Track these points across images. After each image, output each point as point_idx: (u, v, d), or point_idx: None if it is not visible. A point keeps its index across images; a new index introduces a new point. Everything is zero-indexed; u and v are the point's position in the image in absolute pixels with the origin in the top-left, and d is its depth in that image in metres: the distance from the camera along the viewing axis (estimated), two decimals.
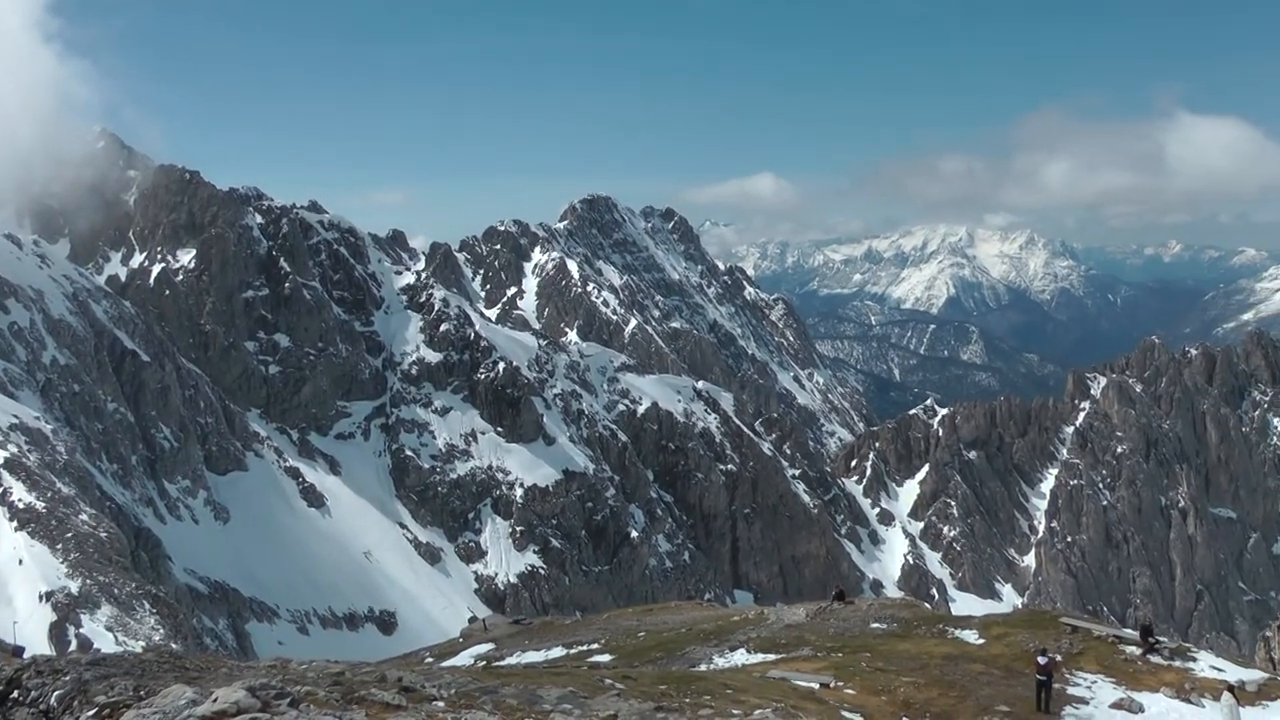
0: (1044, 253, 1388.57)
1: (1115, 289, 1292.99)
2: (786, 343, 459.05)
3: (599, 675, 38.92)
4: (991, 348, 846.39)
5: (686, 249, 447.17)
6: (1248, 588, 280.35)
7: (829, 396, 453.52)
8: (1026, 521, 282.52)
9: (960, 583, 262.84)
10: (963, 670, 45.81)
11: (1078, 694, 42.54)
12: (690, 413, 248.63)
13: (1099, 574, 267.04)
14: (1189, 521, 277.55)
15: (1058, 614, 62.31)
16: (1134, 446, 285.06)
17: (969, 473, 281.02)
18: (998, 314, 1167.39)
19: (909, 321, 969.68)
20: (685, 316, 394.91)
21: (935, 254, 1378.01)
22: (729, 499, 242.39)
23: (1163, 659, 48.93)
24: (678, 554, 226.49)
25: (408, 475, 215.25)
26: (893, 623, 61.04)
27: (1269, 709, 43.26)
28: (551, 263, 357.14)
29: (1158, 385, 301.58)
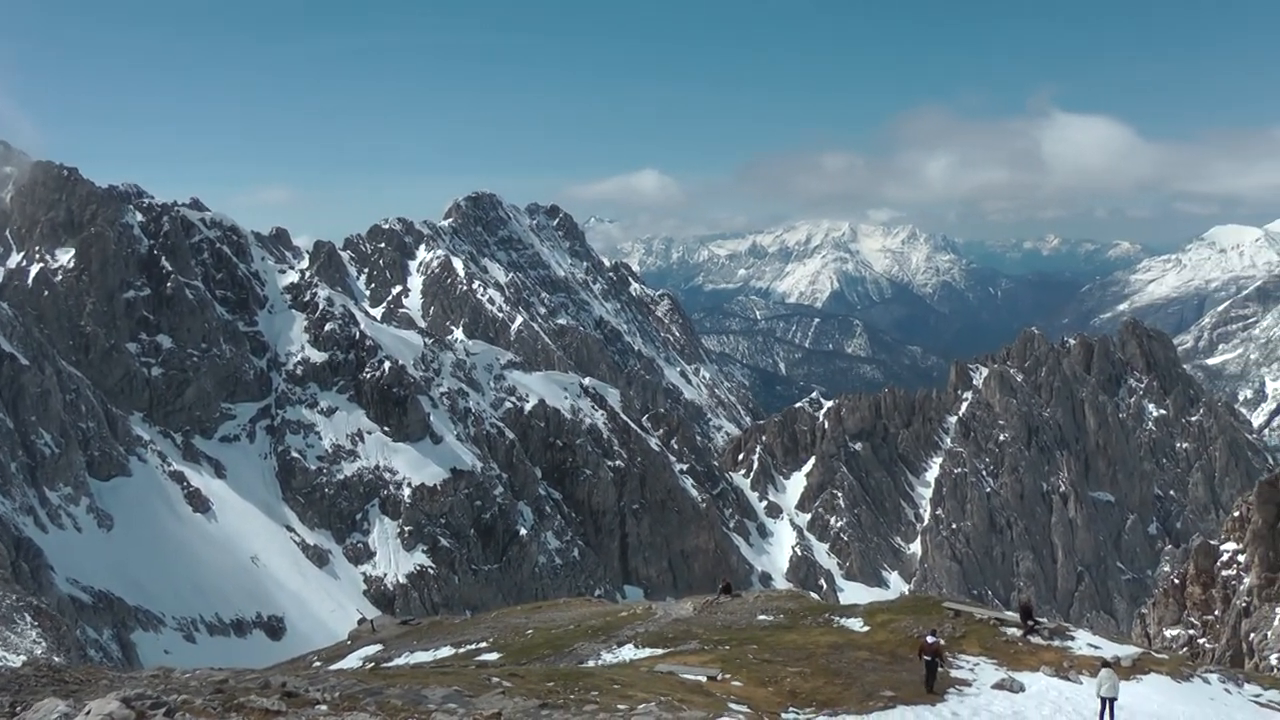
0: (926, 247, 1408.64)
1: (995, 282, 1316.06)
2: (672, 338, 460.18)
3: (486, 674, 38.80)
4: (875, 340, 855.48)
5: (572, 246, 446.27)
6: (1126, 567, 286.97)
7: (715, 391, 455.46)
8: (912, 510, 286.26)
9: (848, 572, 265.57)
10: (848, 658, 46.28)
11: (961, 676, 43.15)
12: (577, 409, 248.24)
13: (983, 559, 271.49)
14: (1069, 505, 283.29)
15: (941, 599, 63.21)
16: (1016, 434, 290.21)
17: (855, 464, 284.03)
18: (881, 307, 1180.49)
19: (794, 316, 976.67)
20: (571, 313, 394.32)
21: (819, 249, 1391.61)
22: (617, 495, 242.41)
23: (1042, 639, 49.94)
24: (567, 551, 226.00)
25: (294, 477, 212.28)
26: (779, 614, 61.50)
27: (1144, 681, 44.33)
28: (436, 261, 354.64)
29: (1038, 375, 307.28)
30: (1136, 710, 40.13)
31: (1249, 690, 46.21)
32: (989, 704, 39.47)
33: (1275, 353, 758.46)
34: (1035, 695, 41.15)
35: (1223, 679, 47.07)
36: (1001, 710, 38.81)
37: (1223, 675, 47.94)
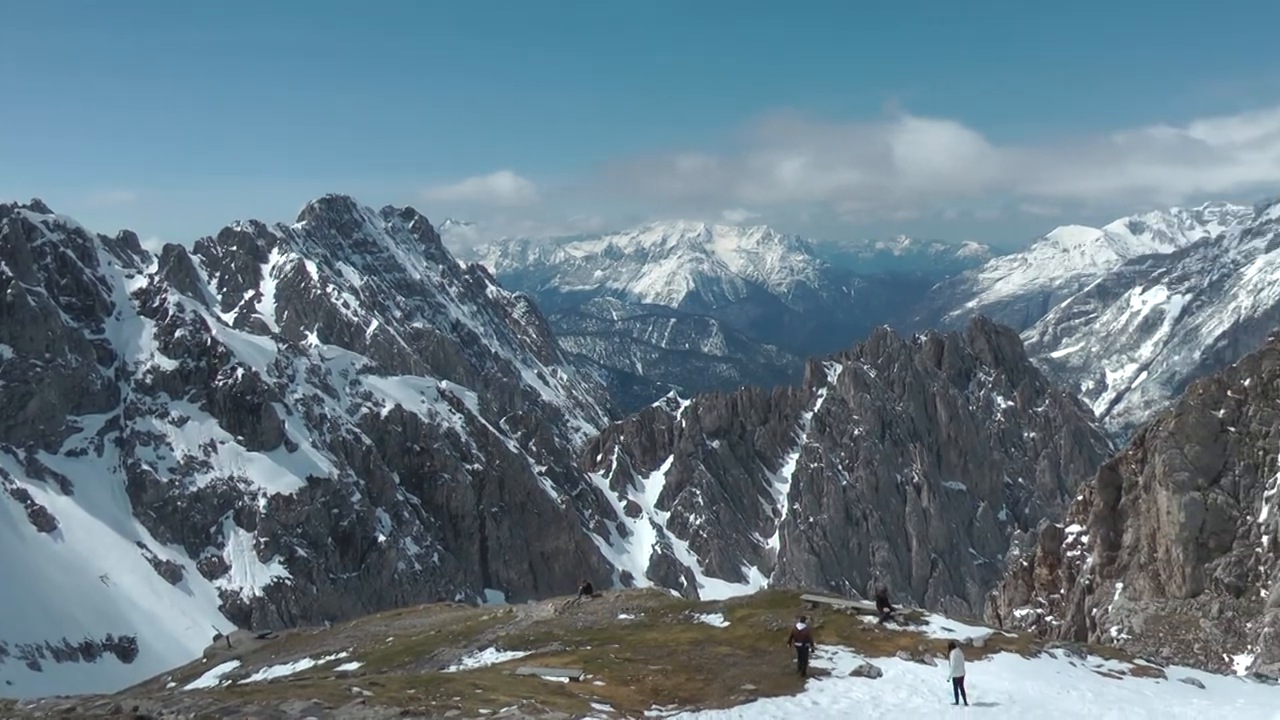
0: (780, 247, 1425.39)
1: (849, 281, 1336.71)
2: (529, 340, 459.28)
3: (346, 684, 38.67)
4: (731, 340, 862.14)
5: (427, 248, 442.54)
6: (977, 553, 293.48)
7: (573, 392, 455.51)
8: (770, 505, 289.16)
9: (708, 569, 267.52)
10: (709, 654, 46.90)
11: (820, 665, 43.94)
12: (435, 413, 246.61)
13: (840, 550, 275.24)
14: (923, 495, 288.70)
15: (799, 592, 64.32)
16: (870, 428, 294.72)
17: (713, 461, 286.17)
18: (737, 307, 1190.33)
19: (650, 316, 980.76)
20: (427, 316, 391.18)
21: (675, 249, 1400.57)
22: (476, 498, 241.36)
23: (898, 625, 51.18)
24: (426, 556, 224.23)
25: (145, 491, 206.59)
26: (640, 613, 62.03)
27: (995, 660, 45.78)
28: (290, 264, 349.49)
29: (890, 370, 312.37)
30: (989, 688, 41.38)
31: (1092, 662, 48.05)
32: (848, 691, 40.36)
33: (1115, 346, 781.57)
34: (892, 679, 42.21)
35: (1068, 653, 48.79)
36: (860, 696, 39.69)
37: (1068, 650, 49.67)
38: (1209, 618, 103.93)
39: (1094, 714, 38.97)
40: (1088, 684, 43.78)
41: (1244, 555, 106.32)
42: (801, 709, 37.82)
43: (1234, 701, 43.09)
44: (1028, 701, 40.02)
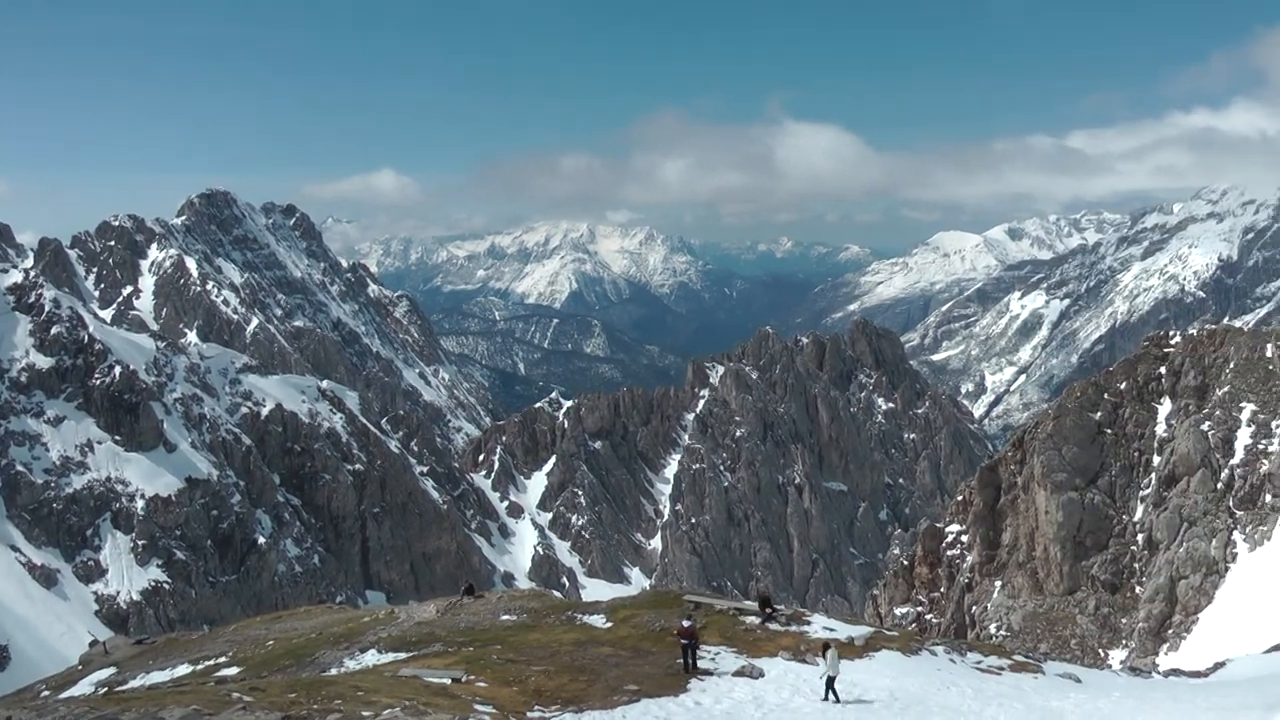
0: (663, 248, 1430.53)
1: (731, 283, 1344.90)
2: (411, 340, 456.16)
3: (226, 689, 37.93)
4: (614, 340, 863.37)
5: (309, 246, 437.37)
6: (858, 552, 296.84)
7: (455, 392, 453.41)
8: (652, 506, 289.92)
9: (590, 569, 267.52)
10: (592, 654, 46.74)
11: (703, 666, 43.94)
12: (315, 413, 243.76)
13: (722, 551, 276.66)
14: (804, 496, 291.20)
15: (681, 592, 64.43)
16: (752, 430, 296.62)
17: (595, 462, 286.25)
18: (619, 307, 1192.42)
19: (533, 316, 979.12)
20: (308, 315, 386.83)
21: (558, 250, 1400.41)
22: (358, 499, 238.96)
23: (780, 625, 51.39)
24: (307, 558, 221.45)
25: (19, 493, 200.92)
26: (523, 613, 61.76)
27: (876, 659, 46.13)
28: (169, 260, 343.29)
29: (772, 372, 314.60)
30: (870, 686, 41.69)
31: (971, 658, 48.71)
32: (730, 691, 40.39)
33: (994, 349, 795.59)
34: (774, 679, 42.33)
35: (948, 650, 49.35)
36: (742, 696, 39.72)
37: (948, 647, 50.23)
38: (1085, 614, 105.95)
39: (973, 710, 39.36)
40: (967, 680, 44.31)
41: (1119, 553, 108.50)
42: (684, 709, 37.75)
43: (1110, 695, 43.90)
44: (909, 698, 40.33)
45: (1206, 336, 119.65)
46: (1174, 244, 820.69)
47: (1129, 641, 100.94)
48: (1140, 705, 41.94)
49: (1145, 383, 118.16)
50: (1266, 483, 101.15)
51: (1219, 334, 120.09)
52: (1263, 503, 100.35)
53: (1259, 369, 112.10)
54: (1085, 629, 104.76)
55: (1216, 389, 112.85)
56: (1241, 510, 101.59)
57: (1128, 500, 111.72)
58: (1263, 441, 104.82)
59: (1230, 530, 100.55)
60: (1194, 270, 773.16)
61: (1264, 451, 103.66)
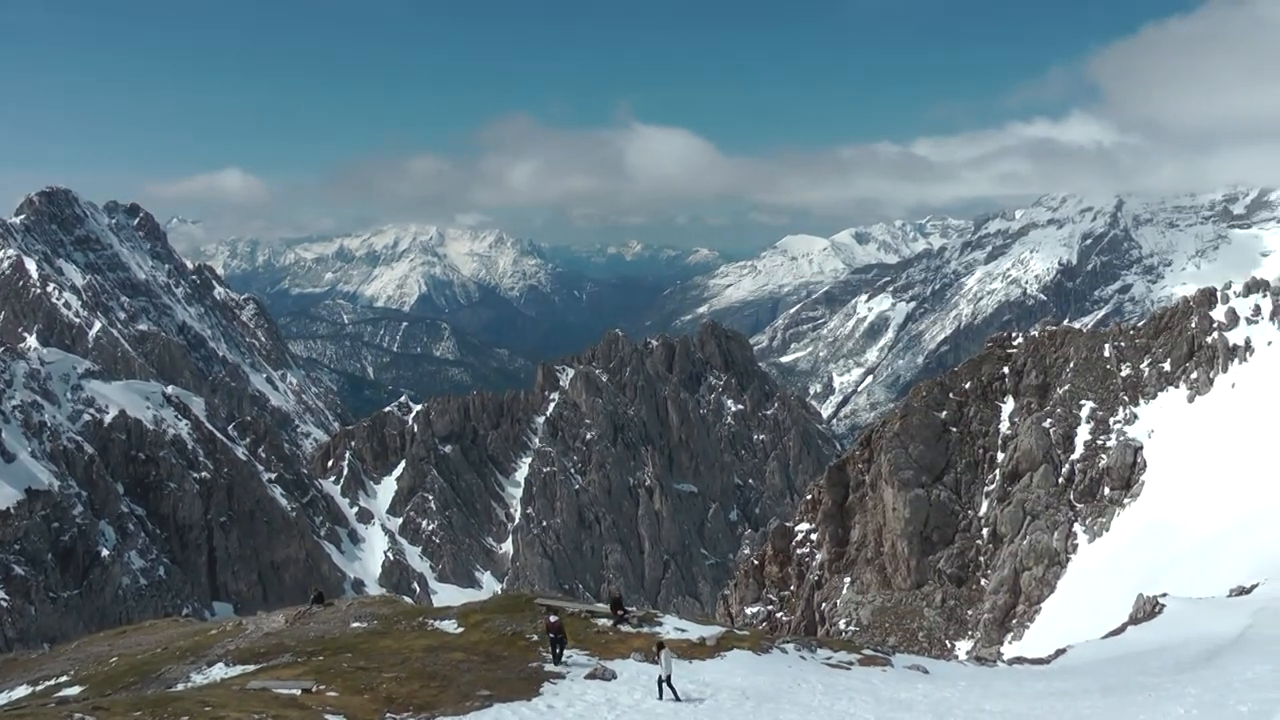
0: (513, 251, 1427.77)
1: (581, 285, 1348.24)
2: (258, 343, 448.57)
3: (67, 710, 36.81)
4: (464, 344, 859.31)
5: (153, 247, 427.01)
6: (709, 553, 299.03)
7: (303, 397, 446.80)
8: (503, 510, 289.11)
9: (441, 574, 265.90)
10: (444, 660, 46.31)
11: (554, 670, 43.86)
12: (161, 420, 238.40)
13: (574, 554, 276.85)
14: (655, 498, 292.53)
15: (533, 596, 64.06)
16: (602, 432, 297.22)
17: (445, 466, 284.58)
18: (469, 311, 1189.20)
19: (382, 320, 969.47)
20: (153, 318, 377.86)
21: (407, 252, 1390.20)
22: (204, 508, 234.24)
23: (632, 627, 51.46)
24: (152, 570, 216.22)
25: None
26: (373, 620, 61.02)
27: (727, 658, 46.39)
28: (7, 261, 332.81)
29: (622, 374, 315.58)
30: (722, 685, 41.87)
31: (821, 654, 49.27)
32: (583, 694, 40.30)
33: (842, 351, 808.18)
34: (627, 681, 42.33)
35: (798, 647, 49.83)
36: (595, 699, 39.66)
37: (798, 644, 50.70)
38: (933, 607, 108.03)
39: (824, 705, 39.72)
40: (818, 676, 44.76)
41: (965, 547, 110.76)
42: (537, 714, 37.60)
43: (956, 685, 44.70)
44: (760, 696, 40.56)
45: (1047, 337, 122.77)
46: (1016, 249, 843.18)
47: (975, 632, 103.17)
48: (985, 693, 42.77)
49: (989, 382, 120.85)
50: (1105, 477, 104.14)
51: (1059, 335, 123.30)
52: (1102, 496, 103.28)
53: (1097, 368, 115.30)
54: (933, 621, 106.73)
55: (1057, 387, 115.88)
56: (1081, 503, 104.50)
57: (973, 496, 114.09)
58: (1101, 437, 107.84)
59: (1071, 523, 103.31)
60: (1035, 274, 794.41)
61: (1102, 447, 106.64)
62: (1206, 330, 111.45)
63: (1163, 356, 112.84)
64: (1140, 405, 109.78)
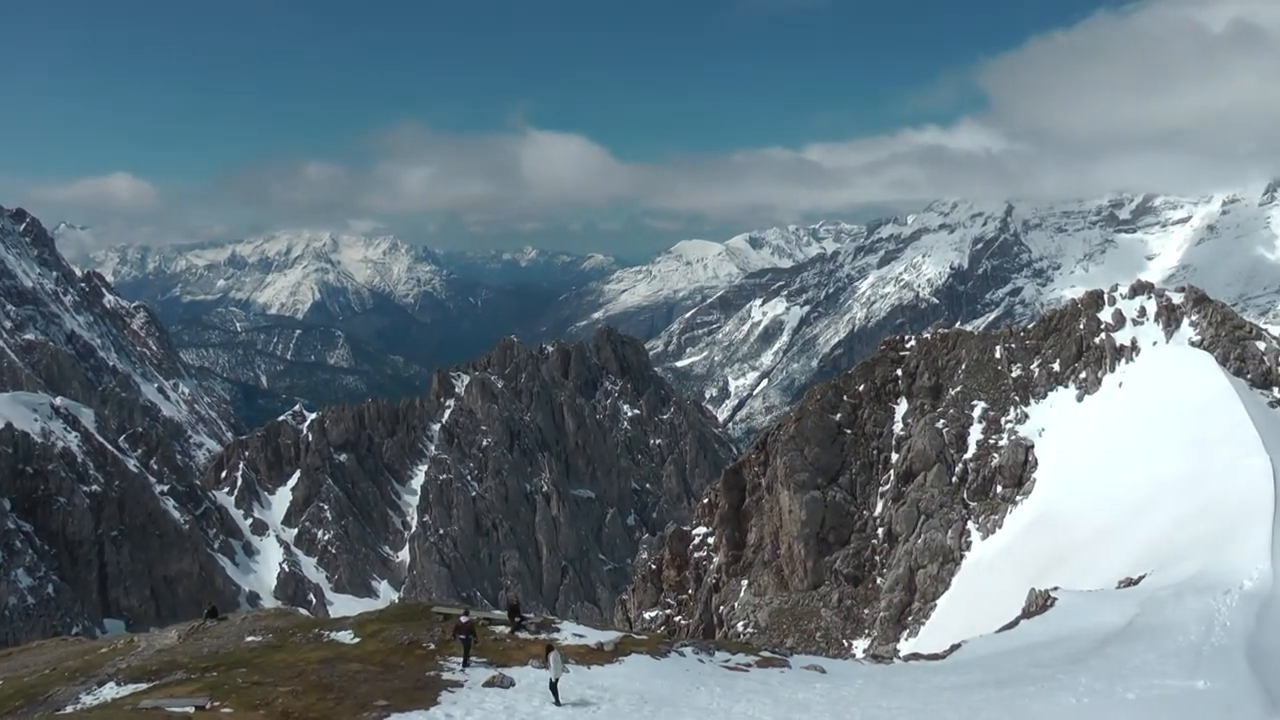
0: (407, 258, 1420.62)
1: (476, 292, 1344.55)
2: (150, 352, 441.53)
3: None
4: (358, 351, 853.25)
5: (40, 253, 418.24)
6: (607, 558, 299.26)
7: (196, 407, 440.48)
8: (400, 518, 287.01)
9: (337, 585, 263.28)
10: (340, 671, 45.86)
11: (452, 678, 43.53)
12: (49, 432, 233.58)
13: (471, 561, 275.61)
14: (552, 504, 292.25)
15: (430, 604, 63.77)
16: (498, 439, 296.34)
17: (340, 475, 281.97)
18: (363, 318, 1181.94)
19: (275, 327, 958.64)
20: (40, 327, 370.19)
21: (300, 259, 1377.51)
22: (95, 522, 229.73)
23: (530, 633, 51.33)
24: (40, 588, 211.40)
25: None
26: (268, 633, 60.27)
27: (625, 663, 46.41)
28: None
29: (518, 380, 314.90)
30: (620, 690, 41.84)
31: (719, 657, 49.49)
32: (480, 702, 40.09)
33: (737, 355, 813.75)
34: (525, 688, 42.18)
35: (696, 651, 50.01)
36: (493, 707, 39.47)
37: (696, 647, 50.90)
38: (829, 607, 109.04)
39: (723, 707, 39.89)
40: (716, 679, 44.93)
41: (861, 547, 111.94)
42: None
43: (853, 683, 45.14)
44: (659, 700, 40.63)
45: (939, 340, 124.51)
46: (909, 253, 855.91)
47: (871, 631, 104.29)
48: (882, 691, 43.24)
49: (882, 384, 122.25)
50: (997, 475, 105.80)
51: (951, 337, 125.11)
52: (994, 494, 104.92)
53: (988, 369, 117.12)
54: (830, 621, 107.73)
55: (949, 389, 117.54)
56: (975, 501, 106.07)
57: (868, 496, 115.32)
58: (993, 437, 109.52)
59: (964, 521, 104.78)
60: (928, 278, 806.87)
61: (994, 446, 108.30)
62: (1094, 331, 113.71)
63: (1052, 357, 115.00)
64: (1031, 405, 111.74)
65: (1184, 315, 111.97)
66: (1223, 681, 37.43)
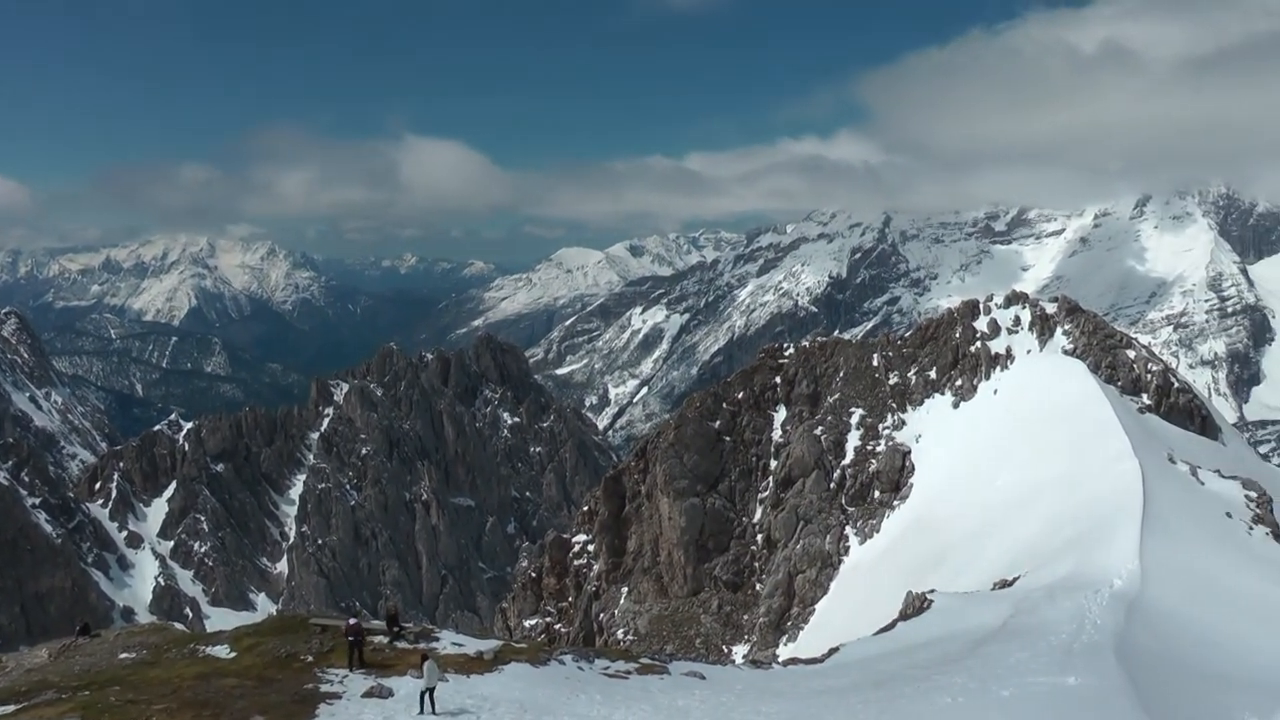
0: (285, 264, 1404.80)
1: (355, 299, 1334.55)
2: (20, 360, 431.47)
3: None
4: (235, 359, 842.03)
5: None
6: (487, 566, 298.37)
7: (69, 417, 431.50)
8: (278, 529, 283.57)
9: (214, 598, 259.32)
10: (216, 687, 45.18)
11: (330, 690, 43.07)
12: None
13: (350, 572, 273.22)
14: (432, 513, 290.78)
15: (308, 616, 63.04)
16: (378, 447, 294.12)
17: (218, 486, 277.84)
18: (240, 325, 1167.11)
19: (150, 334, 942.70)
20: None
21: (177, 264, 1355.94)
22: None
23: (409, 643, 50.97)
24: None
25: None
26: (143, 650, 59.17)
27: (505, 671, 46.28)
28: None
29: (398, 388, 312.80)
30: (500, 698, 41.70)
31: (599, 664, 49.42)
32: (359, 713, 39.75)
33: (617, 362, 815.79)
34: (404, 698, 41.90)
35: (576, 658, 49.92)
36: (372, 718, 39.23)
37: (576, 655, 50.80)
38: (709, 613, 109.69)
39: (603, 715, 39.98)
40: (596, 686, 44.94)
41: (740, 554, 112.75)
42: None
43: (733, 689, 45.39)
44: (539, 708, 40.58)
45: (818, 348, 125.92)
46: (788, 262, 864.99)
47: (751, 636, 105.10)
48: (761, 696, 43.57)
49: (761, 392, 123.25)
50: (875, 480, 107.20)
51: (829, 345, 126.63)
52: (872, 499, 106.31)
53: (866, 377, 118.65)
54: (709, 628, 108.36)
55: (828, 396, 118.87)
56: (853, 506, 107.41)
57: (747, 503, 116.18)
58: (871, 443, 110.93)
59: (843, 526, 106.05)
60: (806, 286, 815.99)
61: (872, 452, 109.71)
62: (970, 340, 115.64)
63: (929, 365, 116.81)
64: (908, 411, 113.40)
65: (1057, 324, 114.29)
66: (1093, 678, 38.33)
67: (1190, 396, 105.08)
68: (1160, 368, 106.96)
